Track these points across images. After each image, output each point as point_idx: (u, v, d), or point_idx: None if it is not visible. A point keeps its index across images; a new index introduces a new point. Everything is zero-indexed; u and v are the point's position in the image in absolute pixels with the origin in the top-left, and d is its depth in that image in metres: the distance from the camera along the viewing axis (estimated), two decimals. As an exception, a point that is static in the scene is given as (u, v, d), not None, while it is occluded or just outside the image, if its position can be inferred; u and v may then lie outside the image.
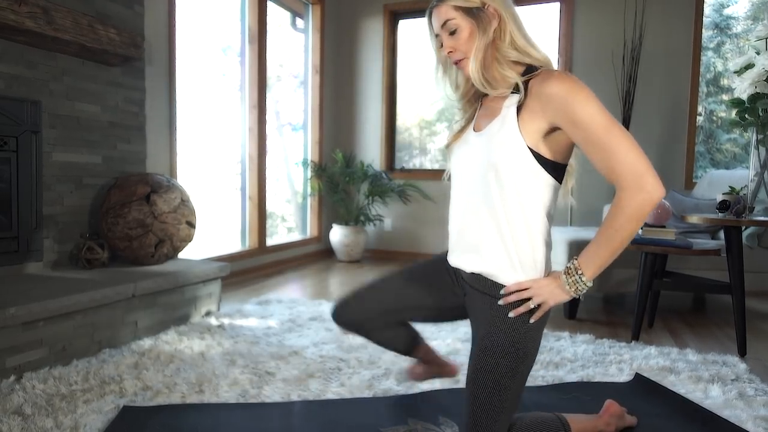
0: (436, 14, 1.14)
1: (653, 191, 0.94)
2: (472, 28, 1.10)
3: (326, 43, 4.67)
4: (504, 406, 1.08)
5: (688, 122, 3.94)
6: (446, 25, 1.12)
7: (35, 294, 1.88)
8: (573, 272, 1.04)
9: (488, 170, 1.07)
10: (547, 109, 1.02)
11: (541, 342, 2.25)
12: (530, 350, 1.09)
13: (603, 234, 1.00)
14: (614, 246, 1.00)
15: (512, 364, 1.06)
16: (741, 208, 2.23)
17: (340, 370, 1.89)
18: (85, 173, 2.52)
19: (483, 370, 1.08)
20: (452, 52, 1.13)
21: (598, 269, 1.03)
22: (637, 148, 0.95)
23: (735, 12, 5.53)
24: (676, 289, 2.57)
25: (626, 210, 0.96)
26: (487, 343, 1.08)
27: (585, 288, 1.04)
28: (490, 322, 1.09)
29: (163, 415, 1.50)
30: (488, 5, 1.10)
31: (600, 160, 0.98)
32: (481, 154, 1.10)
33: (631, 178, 0.95)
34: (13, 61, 2.18)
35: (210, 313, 2.59)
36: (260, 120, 3.82)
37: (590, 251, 1.03)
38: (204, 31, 3.52)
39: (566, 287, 1.05)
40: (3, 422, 1.40)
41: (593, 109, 0.97)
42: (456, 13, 1.10)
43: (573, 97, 0.98)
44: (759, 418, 1.56)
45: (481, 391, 1.08)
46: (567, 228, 3.27)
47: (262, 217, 3.89)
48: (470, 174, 1.13)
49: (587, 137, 0.98)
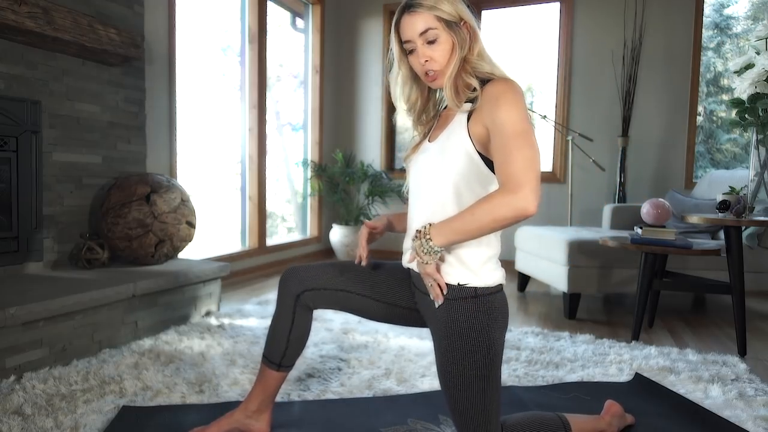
0: (413, 20, 1.10)
1: (524, 202, 0.94)
2: (453, 41, 1.11)
3: (326, 43, 4.67)
4: (488, 402, 1.08)
5: (688, 122, 3.94)
6: (426, 34, 1.10)
7: (35, 294, 1.88)
8: (422, 235, 1.04)
9: (442, 175, 1.09)
10: (483, 111, 1.04)
11: (542, 342, 2.26)
12: (494, 337, 1.07)
13: (463, 213, 1.01)
14: (466, 228, 1.00)
15: (481, 357, 1.06)
16: (741, 208, 2.23)
17: (340, 370, 1.89)
18: (85, 173, 2.52)
19: (452, 372, 1.08)
20: (429, 62, 1.12)
21: (446, 240, 1.03)
22: (533, 163, 0.96)
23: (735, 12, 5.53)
24: (676, 289, 2.57)
25: (491, 203, 0.97)
26: (445, 344, 1.09)
27: (432, 251, 1.03)
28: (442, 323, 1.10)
29: (163, 415, 1.50)
30: (465, 22, 1.12)
31: (499, 163, 0.99)
32: (435, 161, 1.12)
33: (512, 182, 0.95)
34: (13, 61, 2.18)
35: (210, 313, 2.59)
36: (260, 120, 3.82)
37: (445, 221, 1.03)
38: (204, 31, 3.52)
39: (418, 249, 1.05)
40: (3, 422, 1.40)
41: (515, 114, 0.99)
42: (437, 23, 1.10)
43: (503, 97, 1.01)
44: (759, 418, 1.56)
45: (459, 395, 1.08)
46: (567, 228, 3.28)
47: (262, 217, 3.89)
48: (426, 181, 1.15)
49: (498, 140, 1.00)
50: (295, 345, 1.33)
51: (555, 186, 4.26)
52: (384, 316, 1.31)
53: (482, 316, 1.07)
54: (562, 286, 2.77)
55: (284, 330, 1.32)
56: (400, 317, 1.30)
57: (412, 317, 1.28)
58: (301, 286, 1.29)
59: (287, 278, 1.31)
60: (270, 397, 1.37)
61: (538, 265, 3.10)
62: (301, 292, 1.29)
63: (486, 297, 1.08)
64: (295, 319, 1.31)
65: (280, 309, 1.33)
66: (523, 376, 1.89)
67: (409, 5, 1.11)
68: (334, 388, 1.74)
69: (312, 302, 1.31)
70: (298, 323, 1.32)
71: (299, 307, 1.31)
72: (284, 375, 1.36)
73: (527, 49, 4.52)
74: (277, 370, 1.34)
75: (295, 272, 1.31)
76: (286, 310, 1.31)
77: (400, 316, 1.29)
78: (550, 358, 2.06)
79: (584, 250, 2.72)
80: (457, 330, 1.07)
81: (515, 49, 4.58)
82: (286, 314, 1.31)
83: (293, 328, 1.31)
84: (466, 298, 1.07)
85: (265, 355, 1.34)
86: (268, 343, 1.34)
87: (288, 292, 1.30)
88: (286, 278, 1.31)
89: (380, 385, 1.76)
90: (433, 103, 1.26)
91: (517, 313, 2.86)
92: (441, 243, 1.03)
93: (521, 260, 3.35)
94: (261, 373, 1.36)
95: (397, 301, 1.27)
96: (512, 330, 2.44)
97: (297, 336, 1.33)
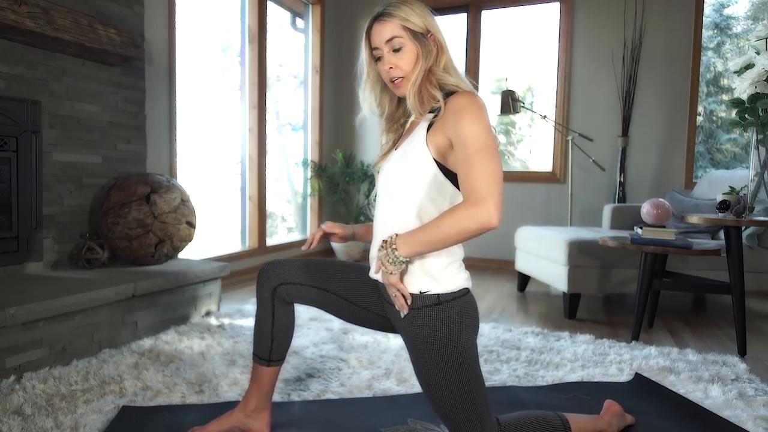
0: (382, 28, 1.15)
1: (486, 215, 0.96)
2: (417, 51, 1.14)
3: (326, 43, 4.67)
4: (474, 403, 1.09)
5: (688, 122, 3.94)
6: (392, 42, 1.14)
7: (35, 294, 1.88)
8: (388, 245, 1.06)
9: (401, 183, 1.12)
10: (446, 122, 1.06)
11: (542, 342, 2.26)
12: (464, 341, 1.08)
13: (429, 225, 1.03)
14: (430, 239, 1.02)
15: (454, 362, 1.07)
16: (741, 208, 2.23)
17: (340, 370, 1.89)
18: (85, 173, 2.52)
19: (429, 380, 1.10)
20: (393, 69, 1.16)
21: (411, 251, 1.04)
22: (496, 177, 0.98)
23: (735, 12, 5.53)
24: (676, 289, 2.57)
25: (455, 216, 1.00)
26: (416, 354, 1.11)
27: (397, 261, 1.05)
28: (410, 333, 1.11)
29: (163, 415, 1.50)
30: (431, 34, 1.16)
31: (463, 177, 1.02)
32: (396, 169, 1.15)
33: (476, 195, 0.98)
34: (13, 61, 2.18)
35: (210, 313, 2.59)
36: (260, 120, 3.82)
37: (411, 232, 1.05)
38: (204, 31, 3.52)
39: (383, 258, 1.07)
40: (3, 422, 1.40)
41: (478, 128, 1.01)
42: (404, 32, 1.14)
43: (466, 111, 1.03)
44: (759, 418, 1.56)
45: (442, 401, 1.09)
46: (567, 228, 3.28)
47: (262, 217, 3.89)
48: (388, 189, 1.17)
49: (462, 153, 1.02)
50: (281, 338, 1.34)
51: (555, 186, 4.26)
52: (357, 318, 1.32)
53: (448, 322, 1.08)
54: (562, 286, 2.77)
55: (267, 325, 1.33)
56: (372, 322, 1.31)
57: (383, 323, 1.30)
58: (277, 279, 1.30)
59: (264, 273, 1.33)
60: (267, 394, 1.38)
61: (538, 265, 3.10)
62: (277, 285, 1.30)
63: (449, 303, 1.09)
64: (275, 313, 1.32)
65: (259, 304, 1.34)
66: (523, 376, 1.89)
67: (380, 14, 1.16)
68: (334, 388, 1.74)
69: (287, 296, 1.32)
70: (279, 317, 1.33)
71: (277, 301, 1.32)
72: (277, 369, 1.37)
73: (527, 49, 4.52)
74: (268, 365, 1.35)
75: (271, 267, 1.33)
76: (264, 305, 1.33)
77: (372, 320, 1.31)
78: (550, 358, 2.06)
79: (584, 250, 2.72)
80: (425, 339, 1.08)
81: (515, 49, 4.58)
82: (266, 309, 1.33)
83: (275, 322, 1.33)
84: (430, 306, 1.09)
85: (255, 353, 1.36)
86: (255, 340, 1.36)
87: (264, 286, 1.32)
88: (263, 273, 1.33)
89: (380, 385, 1.76)
90: (404, 111, 1.27)
91: (517, 313, 2.86)
92: (406, 253, 1.05)
93: (521, 260, 3.35)
94: (254, 370, 1.37)
95: (370, 306, 1.29)
96: (512, 330, 2.44)
97: (280, 329, 1.34)
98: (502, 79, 4.35)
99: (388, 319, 1.26)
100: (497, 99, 3.87)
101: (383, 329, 1.32)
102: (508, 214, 4.12)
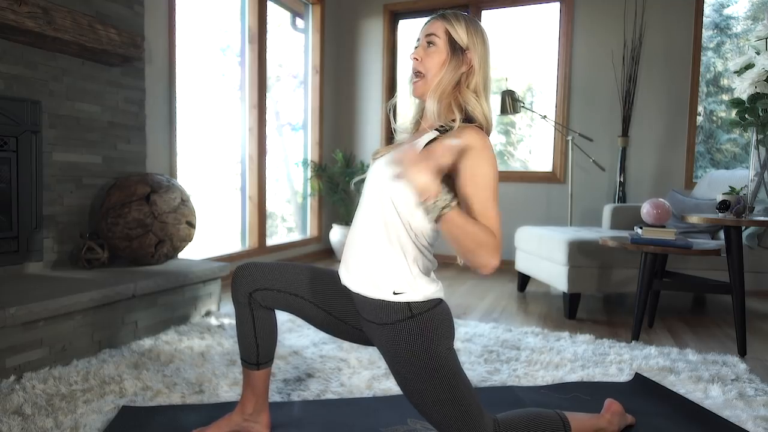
0: (433, 23, 1.19)
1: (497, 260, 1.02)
2: (446, 57, 1.16)
3: (326, 43, 4.66)
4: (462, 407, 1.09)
5: (688, 122, 3.94)
6: (430, 37, 1.18)
7: (35, 294, 1.88)
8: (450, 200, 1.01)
9: (379, 183, 1.14)
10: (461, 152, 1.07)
11: (542, 342, 2.26)
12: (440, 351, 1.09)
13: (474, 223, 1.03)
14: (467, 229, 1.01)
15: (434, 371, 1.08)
16: (741, 208, 2.23)
17: (340, 370, 1.89)
18: (85, 173, 2.52)
19: (412, 392, 1.11)
20: (417, 61, 1.18)
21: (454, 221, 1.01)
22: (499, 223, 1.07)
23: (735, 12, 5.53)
24: (676, 289, 2.57)
25: (487, 237, 1.02)
26: (395, 368, 1.12)
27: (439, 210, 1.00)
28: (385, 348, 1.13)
29: (163, 415, 1.50)
30: (469, 52, 1.17)
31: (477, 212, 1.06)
32: (381, 174, 1.15)
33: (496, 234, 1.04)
34: (13, 61, 2.18)
35: (210, 313, 2.59)
36: (260, 120, 3.82)
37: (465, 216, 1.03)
38: (204, 31, 3.51)
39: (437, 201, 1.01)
40: (3, 422, 1.40)
41: (492, 173, 1.08)
42: (444, 36, 1.17)
43: (484, 153, 1.08)
44: (759, 418, 1.56)
45: (429, 410, 1.10)
46: (567, 228, 3.28)
47: (262, 217, 3.89)
48: (372, 190, 1.18)
49: (473, 189, 1.06)
50: (265, 341, 1.32)
51: (555, 186, 4.26)
52: (332, 329, 1.30)
53: (422, 334, 1.08)
54: (562, 286, 2.77)
55: (249, 330, 1.31)
56: (347, 334, 1.30)
57: (359, 336, 1.28)
58: (253, 284, 1.27)
59: (238, 275, 1.29)
60: (262, 396, 1.37)
61: (538, 265, 3.10)
62: (253, 290, 1.27)
63: (422, 315, 1.10)
64: (254, 317, 1.30)
65: (237, 308, 1.31)
66: (523, 376, 1.89)
67: (440, 14, 1.21)
68: (334, 388, 1.74)
69: (263, 301, 1.29)
70: (260, 323, 1.31)
71: (254, 305, 1.29)
72: (267, 371, 1.36)
73: (527, 49, 4.52)
74: (258, 369, 1.34)
75: (246, 270, 1.29)
76: (242, 309, 1.30)
77: (347, 333, 1.29)
78: (550, 358, 2.06)
79: (584, 250, 2.72)
80: (401, 353, 1.09)
81: (515, 49, 4.57)
82: (245, 314, 1.30)
83: (256, 326, 1.31)
84: (403, 321, 1.09)
85: (242, 358, 1.34)
86: (240, 345, 1.34)
87: (240, 290, 1.28)
88: (239, 275, 1.29)
89: (380, 385, 1.76)
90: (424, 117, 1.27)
91: (517, 313, 2.86)
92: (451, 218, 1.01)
93: (521, 260, 3.35)
94: (245, 375, 1.36)
95: (347, 318, 1.27)
96: (512, 330, 2.44)
97: (263, 334, 1.32)
98: (502, 79, 4.35)
99: (364, 333, 1.25)
100: (497, 99, 3.87)
101: (359, 342, 1.30)
102: (508, 214, 4.13)
